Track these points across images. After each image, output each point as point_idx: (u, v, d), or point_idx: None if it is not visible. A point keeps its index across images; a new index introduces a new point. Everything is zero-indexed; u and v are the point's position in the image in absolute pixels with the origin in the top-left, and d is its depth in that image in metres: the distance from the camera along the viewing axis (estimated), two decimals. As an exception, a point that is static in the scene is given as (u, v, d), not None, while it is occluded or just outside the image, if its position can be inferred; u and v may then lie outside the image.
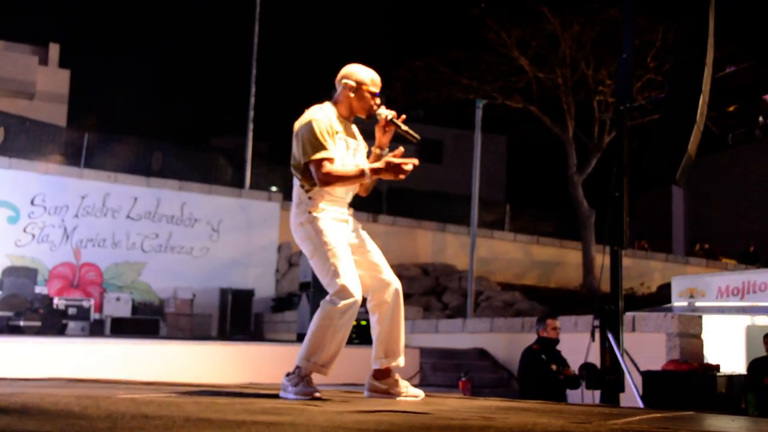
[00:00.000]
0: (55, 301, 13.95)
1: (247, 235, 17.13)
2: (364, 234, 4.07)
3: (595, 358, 7.01)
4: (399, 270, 18.85)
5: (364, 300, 4.04)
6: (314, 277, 11.74)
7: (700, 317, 9.11)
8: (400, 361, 4.07)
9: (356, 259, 3.94)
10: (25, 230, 15.14)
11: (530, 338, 9.69)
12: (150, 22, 26.85)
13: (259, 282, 16.43)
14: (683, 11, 6.87)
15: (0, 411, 2.58)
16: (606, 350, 6.64)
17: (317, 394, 3.72)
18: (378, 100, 4.01)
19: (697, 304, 9.83)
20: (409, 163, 3.88)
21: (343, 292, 3.78)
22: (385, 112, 4.01)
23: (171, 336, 14.09)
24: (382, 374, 4.06)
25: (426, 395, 4.21)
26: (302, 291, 12.36)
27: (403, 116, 4.05)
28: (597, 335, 6.76)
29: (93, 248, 15.77)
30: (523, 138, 24.99)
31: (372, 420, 2.64)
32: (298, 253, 15.18)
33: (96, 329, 13.99)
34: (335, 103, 4.03)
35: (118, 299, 14.76)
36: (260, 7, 19.16)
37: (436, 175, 29.26)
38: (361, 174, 3.85)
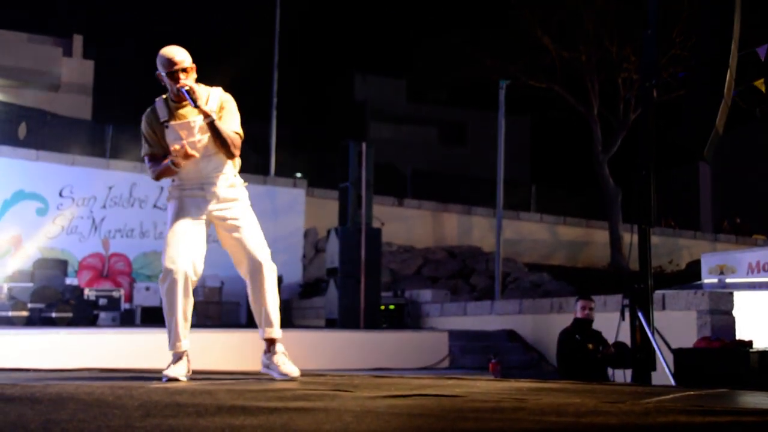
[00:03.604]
0: (86, 292, 14.09)
1: (272, 221, 17.18)
2: (235, 207, 4.16)
3: (625, 338, 6.98)
4: (425, 253, 18.87)
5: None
6: (341, 263, 11.86)
7: (731, 294, 9.01)
8: (265, 333, 4.11)
9: (221, 233, 4.16)
10: (54, 222, 15.31)
11: (559, 319, 9.67)
12: (173, 10, 26.92)
13: (286, 268, 16.48)
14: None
15: (35, 401, 2.61)
16: (636, 329, 6.61)
17: (171, 376, 3.88)
18: (181, 77, 4.08)
19: (728, 280, 9.72)
20: (184, 147, 4.02)
21: (163, 269, 4.03)
22: (179, 84, 4.08)
23: (200, 324, 14.19)
24: (267, 347, 4.15)
25: (456, 378, 4.20)
26: (329, 276, 12.39)
27: (190, 85, 4.08)
28: (627, 314, 6.72)
29: (121, 238, 15.91)
30: (548, 118, 24.82)
31: (404, 404, 2.64)
32: (324, 238, 15.21)
33: (126, 319, 14.13)
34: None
35: (147, 289, 14.88)
36: (281, -6, 19.13)
37: (460, 157, 29.17)
38: (167, 166, 4.07)
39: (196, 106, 4.03)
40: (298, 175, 19.24)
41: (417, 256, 18.63)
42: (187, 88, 4.03)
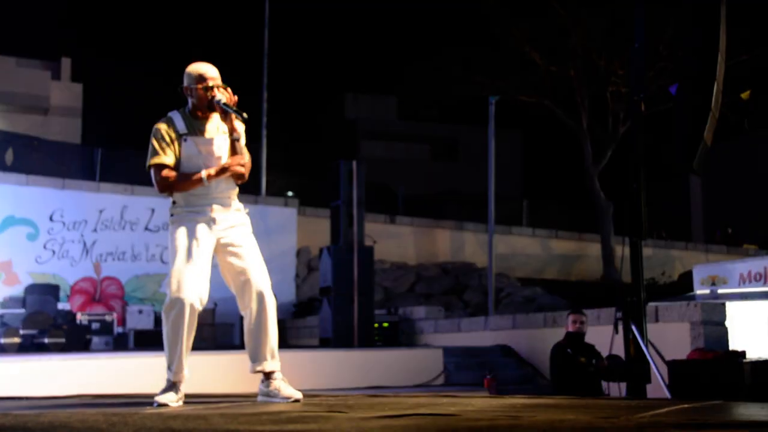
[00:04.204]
0: (78, 316, 14.01)
1: (265, 241, 17.02)
2: (240, 233, 4.11)
3: (619, 350, 6.97)
4: (419, 270, 18.86)
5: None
6: (335, 281, 11.83)
7: (723, 304, 9.03)
8: (266, 366, 4.01)
9: (222, 260, 4.06)
10: (45, 246, 15.24)
11: (553, 333, 9.66)
12: (160, 33, 26.98)
13: (279, 288, 16.28)
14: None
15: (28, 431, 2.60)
16: (630, 341, 6.62)
17: (162, 402, 3.82)
18: (215, 91, 4.08)
19: (720, 291, 9.76)
20: (234, 164, 4.04)
21: (170, 297, 3.92)
22: (217, 98, 4.08)
23: (194, 347, 14.10)
24: (265, 376, 4.04)
25: (451, 395, 4.19)
26: (323, 295, 12.36)
27: (235, 98, 4.11)
28: (620, 327, 6.72)
29: (113, 261, 15.85)
30: (538, 132, 24.94)
31: (399, 425, 2.63)
32: (317, 257, 15.19)
33: (120, 343, 14.04)
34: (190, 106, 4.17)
35: (140, 312, 14.81)
36: (269, 14, 19.21)
37: (452, 173, 29.20)
38: (200, 180, 4.00)
39: (240, 117, 4.01)
40: (290, 194, 19.24)
41: (410, 273, 18.61)
42: (224, 101, 4.02)
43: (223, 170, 4.01)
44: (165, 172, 4.03)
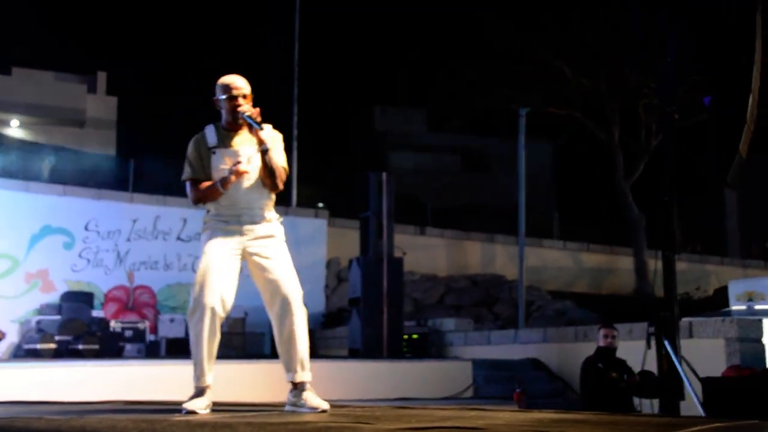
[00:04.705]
0: (112, 324, 14.19)
1: (295, 251, 16.96)
2: (270, 244, 4.13)
3: (651, 366, 6.88)
4: (448, 282, 18.79)
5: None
6: (364, 292, 11.83)
7: (760, 321, 8.87)
8: (296, 377, 4.01)
9: (253, 270, 4.10)
10: (80, 255, 15.46)
11: (584, 347, 9.56)
12: (192, 47, 27.27)
13: (309, 298, 16.29)
14: (729, 8, 6.75)
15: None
16: (663, 357, 6.52)
17: (190, 409, 3.85)
18: (239, 101, 4.14)
19: (757, 307, 9.58)
20: (241, 164, 4.07)
21: (192, 302, 3.99)
22: (240, 111, 4.13)
23: (223, 355, 14.16)
24: (293, 386, 4.05)
25: (480, 408, 4.16)
26: (352, 306, 12.37)
27: (256, 110, 4.15)
28: (653, 342, 6.64)
29: (146, 271, 16.02)
30: (569, 145, 24.78)
31: (425, 437, 2.62)
32: (346, 268, 15.21)
33: (152, 351, 14.18)
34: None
35: (172, 320, 14.94)
36: (299, 28, 19.35)
37: (482, 185, 29.10)
38: (214, 186, 4.08)
39: (257, 128, 4.05)
40: (320, 205, 19.30)
41: (440, 285, 18.55)
42: (248, 113, 4.06)
43: (226, 179, 4.04)
44: (195, 186, 4.14)
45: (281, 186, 4.16)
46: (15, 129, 24.23)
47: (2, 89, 23.36)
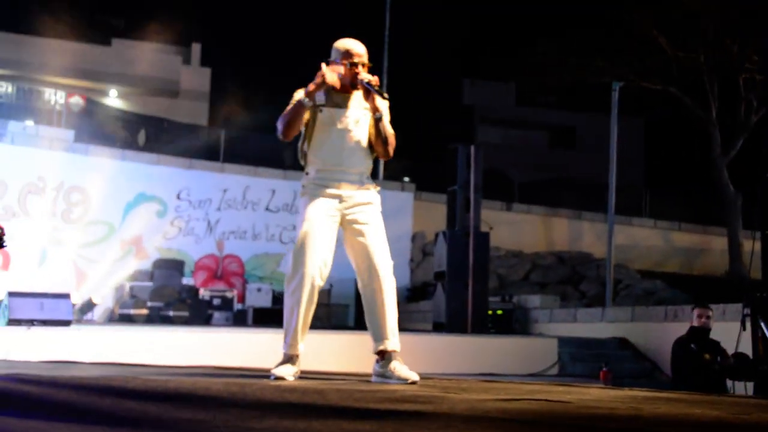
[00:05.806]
0: (201, 292, 14.58)
1: (381, 225, 17.30)
2: (367, 211, 4.08)
3: (746, 348, 6.67)
4: (534, 258, 18.58)
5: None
6: (449, 266, 11.81)
7: None
8: (388, 345, 3.94)
9: (347, 237, 4.04)
10: (172, 224, 15.88)
11: (674, 327, 9.34)
12: (284, 20, 27.55)
13: (394, 272, 16.54)
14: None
15: (158, 396, 2.71)
16: (759, 339, 6.32)
17: (279, 375, 3.85)
18: (359, 68, 4.07)
19: None
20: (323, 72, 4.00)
21: (291, 269, 3.94)
22: (361, 76, 4.06)
23: (310, 325, 14.42)
24: (380, 356, 3.97)
25: (567, 384, 4.11)
26: (437, 280, 12.37)
27: (376, 78, 4.11)
28: (748, 324, 6.43)
29: (234, 240, 16.36)
30: (662, 120, 24.05)
31: (515, 408, 2.60)
32: (431, 242, 15.22)
33: (239, 319, 14.50)
34: None
35: (259, 290, 15.24)
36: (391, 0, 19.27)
37: (569, 161, 28.59)
38: (299, 104, 3.99)
39: (380, 96, 4.03)
40: (407, 179, 19.30)
41: (525, 262, 18.37)
42: (369, 81, 4.05)
43: (311, 89, 3.98)
44: (281, 119, 4.06)
45: (392, 153, 4.14)
46: (113, 99, 25.02)
47: (102, 60, 24.13)
